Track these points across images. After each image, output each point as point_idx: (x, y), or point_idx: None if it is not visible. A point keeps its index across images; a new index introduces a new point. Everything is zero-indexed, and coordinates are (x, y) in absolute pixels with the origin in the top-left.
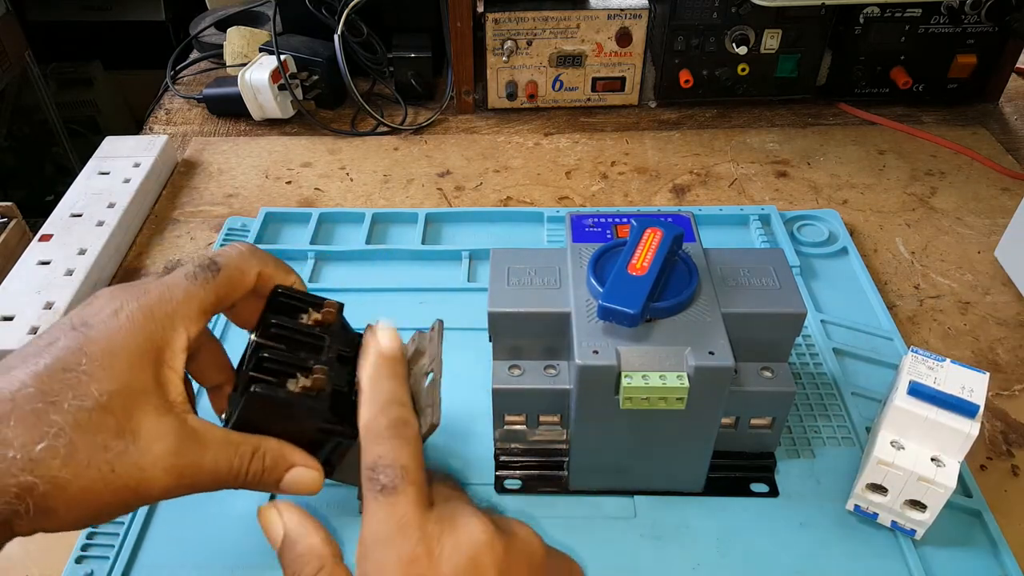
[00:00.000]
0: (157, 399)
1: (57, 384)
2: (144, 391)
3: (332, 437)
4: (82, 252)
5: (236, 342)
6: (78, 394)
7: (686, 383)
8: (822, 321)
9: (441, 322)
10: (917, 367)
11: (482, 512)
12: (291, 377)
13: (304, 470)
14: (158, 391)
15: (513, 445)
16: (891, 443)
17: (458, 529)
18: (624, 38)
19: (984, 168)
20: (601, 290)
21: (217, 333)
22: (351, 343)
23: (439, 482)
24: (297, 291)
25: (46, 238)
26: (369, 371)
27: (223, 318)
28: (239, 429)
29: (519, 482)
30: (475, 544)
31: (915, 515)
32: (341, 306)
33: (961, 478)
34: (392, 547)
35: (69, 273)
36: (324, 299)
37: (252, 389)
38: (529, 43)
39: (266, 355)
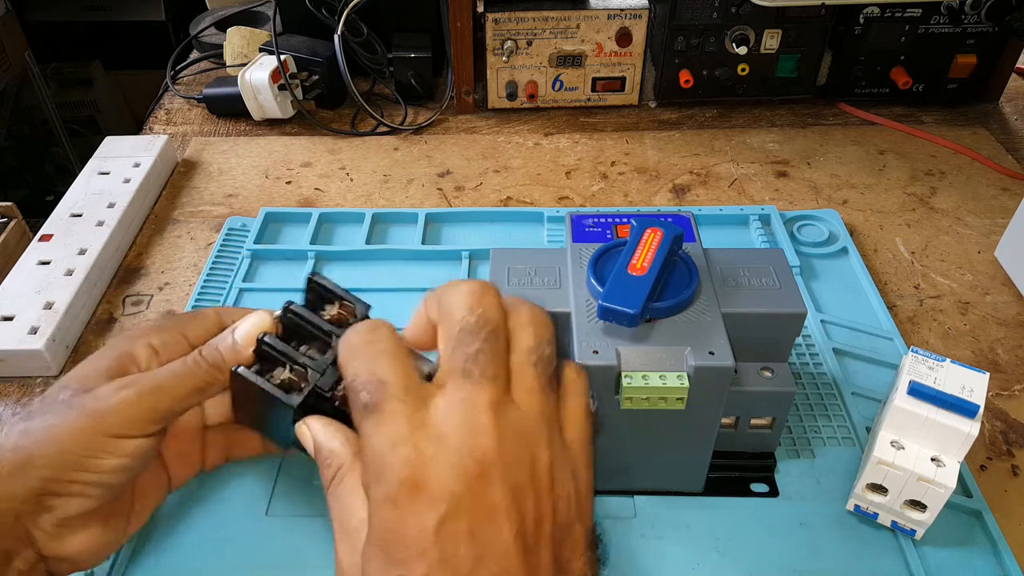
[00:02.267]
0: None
1: None
2: (101, 371)
3: None
4: (82, 252)
5: None
6: (57, 390)
7: (686, 383)
8: (822, 321)
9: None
10: (917, 367)
11: (495, 415)
12: (281, 365)
13: (244, 319)
14: (119, 374)
15: None
16: (891, 443)
17: (452, 440)
18: (624, 38)
19: (984, 168)
20: (601, 290)
21: None
22: None
23: (456, 349)
24: (331, 284)
25: (46, 238)
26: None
27: None
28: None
29: None
30: (475, 464)
31: (915, 515)
32: (365, 308)
33: (961, 478)
34: (386, 465)
35: (69, 273)
36: (356, 298)
37: (234, 369)
38: (529, 43)
39: (265, 339)
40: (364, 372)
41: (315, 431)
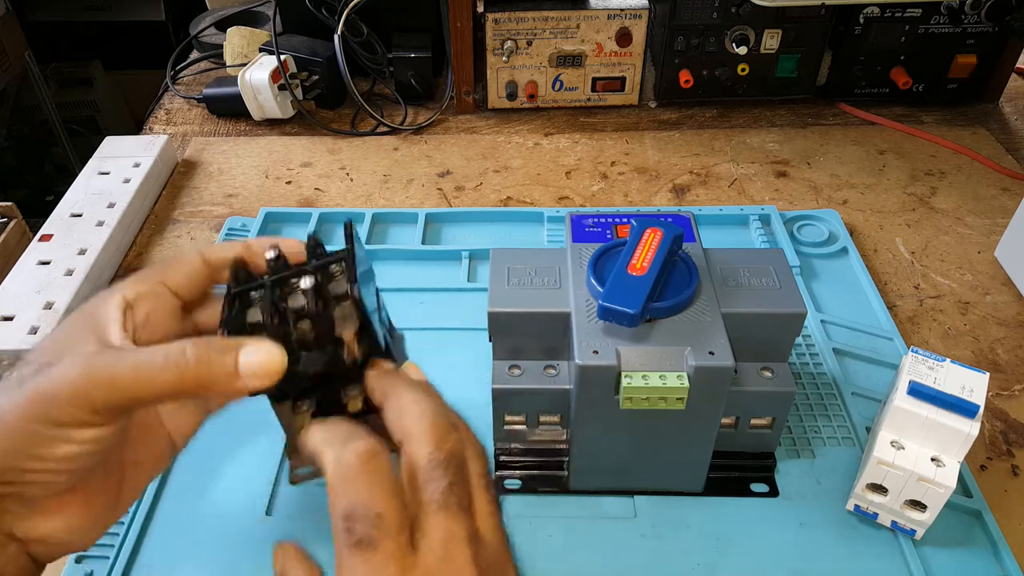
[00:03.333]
0: (92, 343)
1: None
2: (74, 337)
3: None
4: (82, 252)
5: None
6: (22, 365)
7: (686, 383)
8: (822, 321)
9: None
10: (917, 367)
11: (473, 547)
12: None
13: (256, 345)
14: (93, 338)
15: (513, 445)
16: (891, 443)
17: None
18: (624, 38)
19: (984, 168)
20: (601, 290)
21: None
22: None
23: (443, 482)
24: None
25: (46, 238)
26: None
27: None
28: None
29: (519, 482)
30: None
31: (915, 515)
32: (312, 242)
33: (961, 478)
34: None
35: (69, 273)
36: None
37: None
38: (529, 43)
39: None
40: (362, 505)
41: (285, 562)
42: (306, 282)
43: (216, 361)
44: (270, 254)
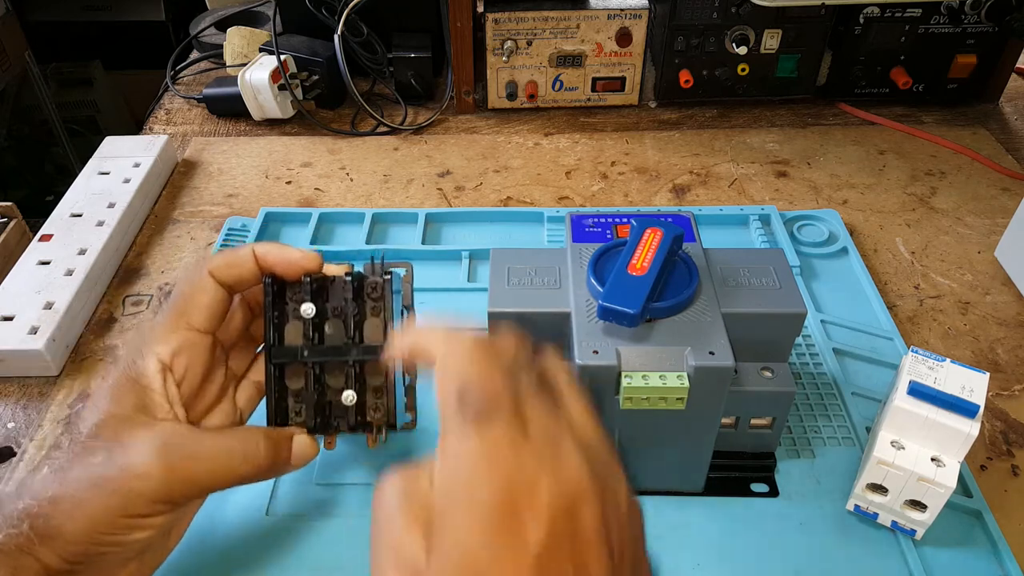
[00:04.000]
0: (143, 417)
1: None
2: (127, 415)
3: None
4: (82, 252)
5: None
6: (72, 435)
7: (686, 383)
8: (822, 321)
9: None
10: (917, 367)
11: (579, 443)
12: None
13: (302, 435)
14: (143, 411)
15: None
16: (891, 443)
17: (558, 470)
18: (624, 38)
19: (984, 168)
20: (601, 290)
21: None
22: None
23: (540, 387)
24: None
25: (46, 238)
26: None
27: None
28: None
29: None
30: (574, 492)
31: (915, 515)
32: (350, 268)
33: (961, 478)
34: (486, 479)
35: (69, 273)
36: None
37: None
38: (529, 43)
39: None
40: (477, 383)
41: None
42: (347, 397)
43: (279, 452)
44: (308, 311)
